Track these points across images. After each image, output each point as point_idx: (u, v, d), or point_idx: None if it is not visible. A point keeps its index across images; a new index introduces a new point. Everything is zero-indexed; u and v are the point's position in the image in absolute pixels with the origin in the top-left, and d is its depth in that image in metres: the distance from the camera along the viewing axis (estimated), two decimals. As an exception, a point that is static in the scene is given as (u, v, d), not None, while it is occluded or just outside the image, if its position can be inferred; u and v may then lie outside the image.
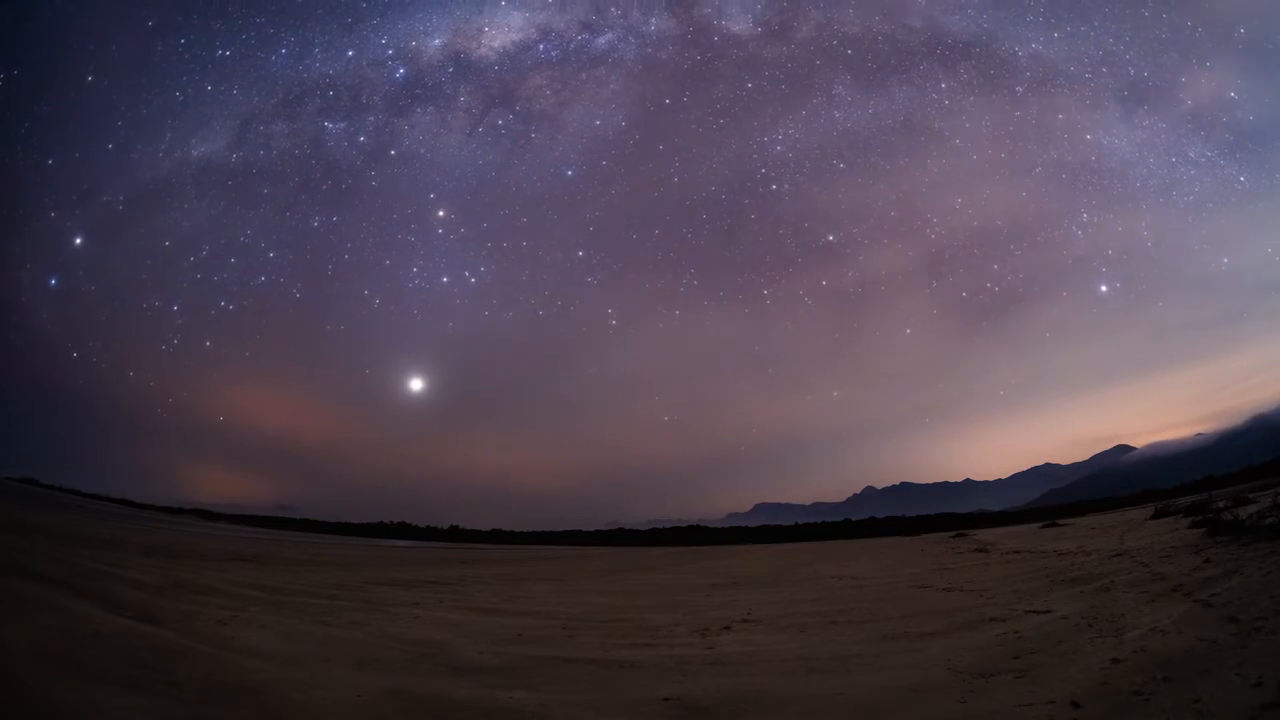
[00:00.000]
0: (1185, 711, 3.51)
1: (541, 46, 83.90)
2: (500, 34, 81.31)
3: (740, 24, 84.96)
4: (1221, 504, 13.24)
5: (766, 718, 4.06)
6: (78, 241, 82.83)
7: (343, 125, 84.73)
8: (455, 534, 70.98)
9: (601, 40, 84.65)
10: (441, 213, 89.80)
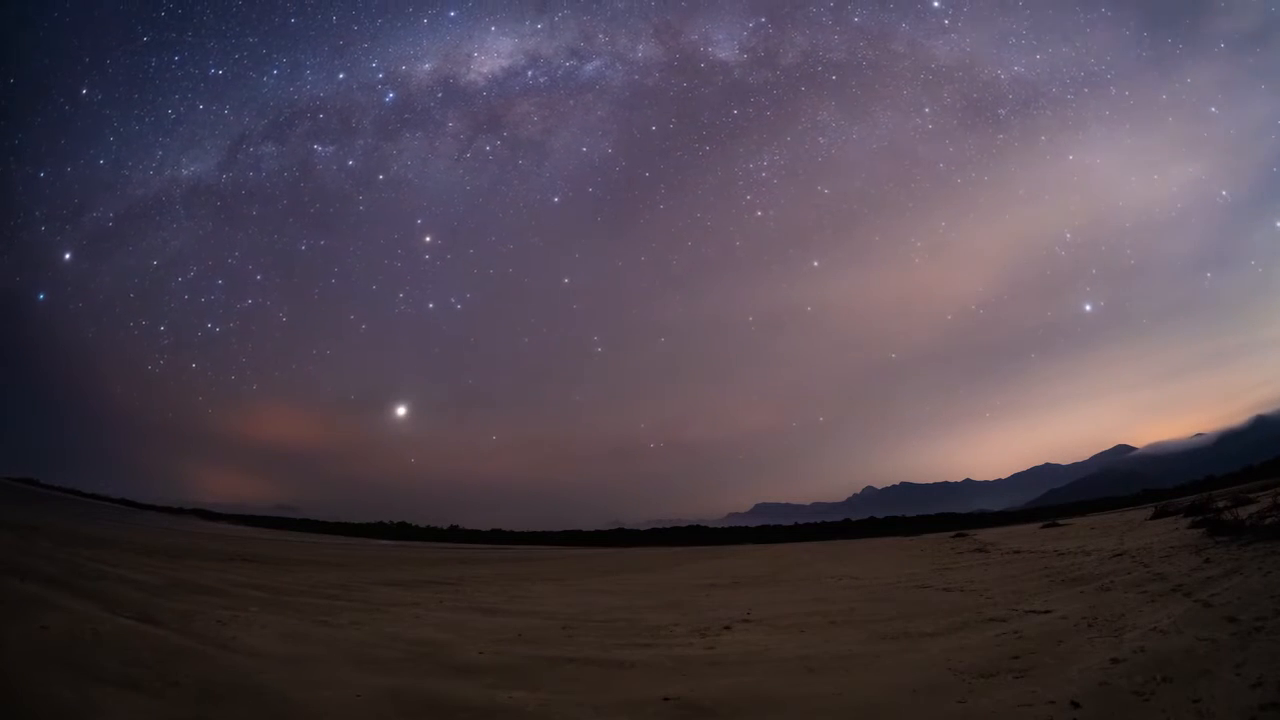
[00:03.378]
0: (1185, 711, 3.51)
1: (530, 73, 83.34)
2: (489, 59, 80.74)
3: (726, 50, 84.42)
4: (1221, 504, 13.23)
5: (766, 718, 4.06)
6: (67, 257, 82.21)
7: (332, 149, 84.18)
8: (455, 534, 70.98)
9: (589, 67, 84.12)
10: (428, 238, 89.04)
